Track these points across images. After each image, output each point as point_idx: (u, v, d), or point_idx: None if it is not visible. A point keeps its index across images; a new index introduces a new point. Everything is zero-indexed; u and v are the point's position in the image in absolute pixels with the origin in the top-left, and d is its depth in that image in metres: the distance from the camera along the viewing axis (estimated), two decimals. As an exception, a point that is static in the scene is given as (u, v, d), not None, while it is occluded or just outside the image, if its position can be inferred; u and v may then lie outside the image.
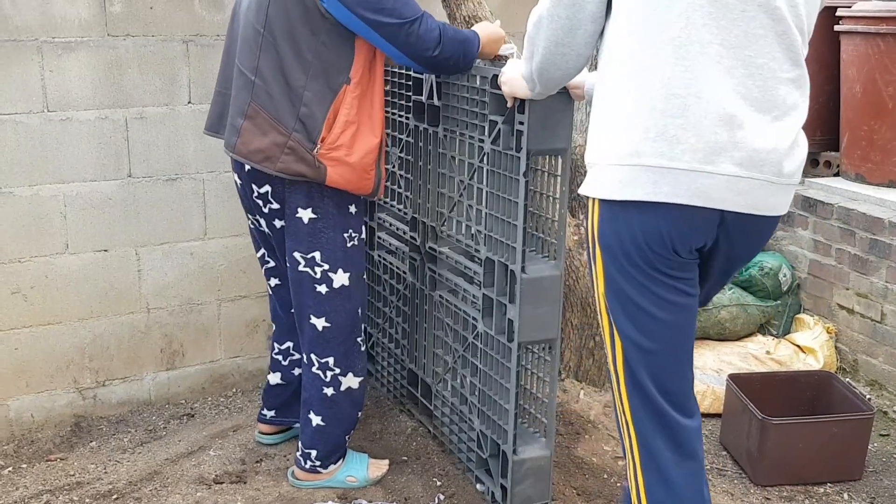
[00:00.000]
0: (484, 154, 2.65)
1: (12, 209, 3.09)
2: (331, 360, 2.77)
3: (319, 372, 2.79)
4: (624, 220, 1.90)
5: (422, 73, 2.88)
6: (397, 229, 3.26)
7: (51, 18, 3.02)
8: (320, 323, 2.73)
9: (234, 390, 3.62)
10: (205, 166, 3.37)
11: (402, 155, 3.14)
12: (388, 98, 3.17)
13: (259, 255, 2.95)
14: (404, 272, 3.23)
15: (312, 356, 2.78)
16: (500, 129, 2.54)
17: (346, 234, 2.67)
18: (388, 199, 3.31)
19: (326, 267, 2.67)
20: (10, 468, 3.03)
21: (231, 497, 2.83)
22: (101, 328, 3.32)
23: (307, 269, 2.67)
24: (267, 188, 2.63)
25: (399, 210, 3.24)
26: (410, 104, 3.02)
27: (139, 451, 3.13)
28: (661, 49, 1.84)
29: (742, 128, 1.84)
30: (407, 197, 3.16)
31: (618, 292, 1.96)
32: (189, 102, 3.30)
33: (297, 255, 2.67)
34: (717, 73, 1.82)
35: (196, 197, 3.39)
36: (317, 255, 2.65)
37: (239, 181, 2.74)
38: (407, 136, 3.09)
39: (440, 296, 3.03)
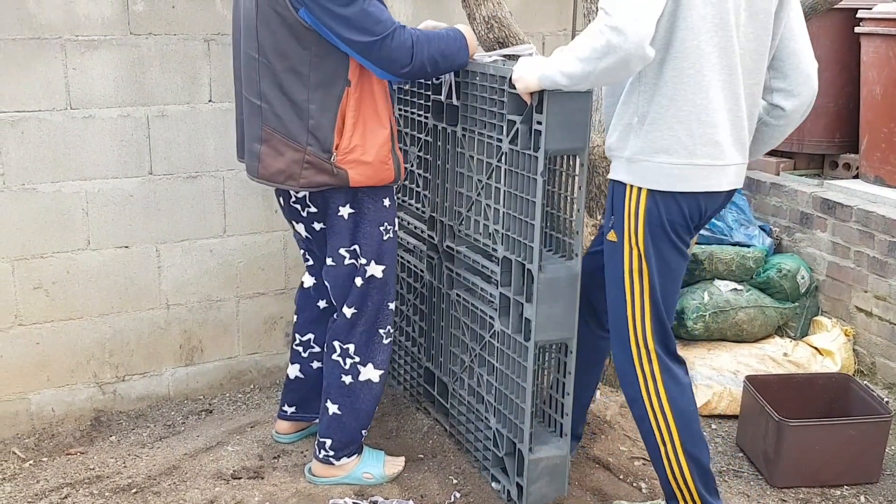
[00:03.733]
0: (502, 153, 2.66)
1: (35, 205, 3.13)
2: (351, 348, 2.80)
3: (339, 359, 2.82)
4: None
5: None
6: (415, 228, 3.27)
7: (74, 17, 3.06)
8: (349, 311, 2.78)
9: (252, 387, 3.65)
10: (225, 164, 3.39)
11: (421, 154, 3.16)
12: (407, 97, 3.19)
13: (301, 252, 3.04)
14: (422, 271, 3.25)
15: (335, 343, 2.82)
16: (518, 129, 2.55)
17: (381, 228, 2.73)
18: (406, 198, 3.33)
19: (364, 261, 2.74)
20: (31, 461, 3.06)
21: (248, 492, 2.85)
22: (121, 324, 3.35)
23: (352, 261, 2.74)
24: (304, 192, 2.68)
25: (417, 209, 3.25)
26: (429, 103, 3.04)
27: (158, 446, 3.16)
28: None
29: None
30: (425, 196, 3.17)
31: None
32: (210, 101, 3.33)
33: (342, 250, 2.74)
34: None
35: (216, 194, 3.41)
36: (356, 247, 2.73)
37: (277, 193, 2.83)
38: (426, 136, 3.10)
39: (457, 294, 3.04)
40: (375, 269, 2.75)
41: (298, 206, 2.76)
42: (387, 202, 2.74)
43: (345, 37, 2.45)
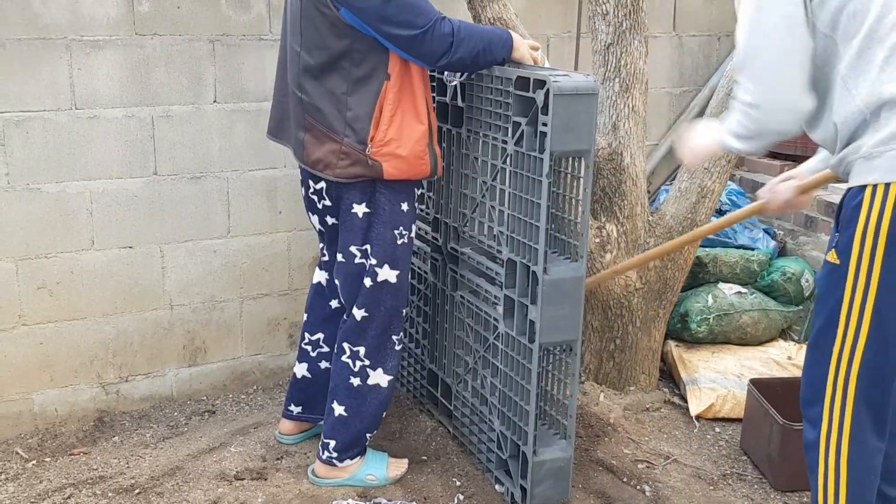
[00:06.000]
0: (507, 155, 2.66)
1: (39, 205, 3.13)
2: (361, 351, 2.80)
3: (349, 361, 2.82)
4: None
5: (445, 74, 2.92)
6: (419, 229, 3.27)
7: (79, 17, 3.06)
8: (360, 314, 2.78)
9: (255, 388, 3.64)
10: (229, 165, 3.39)
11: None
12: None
13: (320, 247, 3.04)
14: (426, 272, 3.25)
15: (345, 345, 2.82)
16: (523, 131, 2.55)
17: (396, 231, 2.73)
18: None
19: (374, 261, 2.73)
20: (34, 461, 3.06)
21: (251, 493, 2.85)
22: (124, 324, 3.35)
23: (363, 261, 2.75)
24: (322, 185, 2.72)
25: (421, 210, 3.25)
26: (434, 105, 3.04)
27: (161, 447, 3.16)
28: None
29: None
30: (429, 197, 3.17)
31: None
32: (215, 101, 3.33)
33: (353, 248, 2.74)
34: None
35: (220, 195, 3.41)
36: (368, 248, 2.73)
37: (301, 179, 2.86)
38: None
39: (461, 296, 3.04)
40: (389, 274, 2.75)
41: (315, 198, 2.78)
42: (405, 206, 2.74)
43: (386, 32, 2.49)
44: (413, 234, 2.80)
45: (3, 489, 2.89)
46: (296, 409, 3.14)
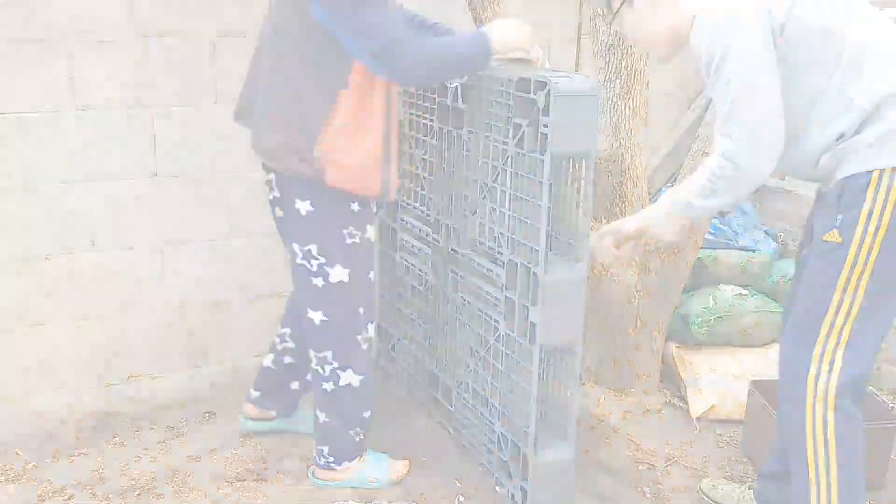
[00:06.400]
0: (508, 156, 2.66)
1: (40, 206, 3.12)
2: (328, 355, 2.78)
3: (318, 367, 2.80)
4: None
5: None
6: (420, 231, 3.27)
7: (80, 17, 3.05)
8: (317, 317, 2.73)
9: (256, 389, 3.64)
10: (230, 166, 3.39)
11: (426, 157, 3.15)
12: (413, 101, 3.19)
13: None
14: (426, 273, 3.24)
15: (311, 352, 2.81)
16: (524, 132, 2.55)
17: (345, 231, 2.65)
18: (411, 201, 3.32)
19: (323, 260, 2.66)
20: (35, 463, 3.06)
21: (252, 495, 2.85)
22: (125, 325, 3.35)
23: (304, 262, 2.68)
24: (272, 176, 2.68)
25: (422, 211, 3.25)
26: (435, 106, 3.04)
27: (161, 448, 3.15)
28: None
29: None
30: (430, 198, 3.17)
31: None
32: (215, 102, 3.32)
33: (294, 246, 2.69)
34: None
35: (221, 196, 3.41)
36: (313, 247, 2.66)
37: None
38: (431, 139, 3.10)
39: (462, 297, 3.04)
40: (342, 274, 2.68)
41: (268, 188, 2.74)
42: (355, 206, 2.65)
43: (346, 38, 2.45)
44: (369, 235, 2.72)
45: (4, 490, 2.89)
46: (255, 394, 3.15)
